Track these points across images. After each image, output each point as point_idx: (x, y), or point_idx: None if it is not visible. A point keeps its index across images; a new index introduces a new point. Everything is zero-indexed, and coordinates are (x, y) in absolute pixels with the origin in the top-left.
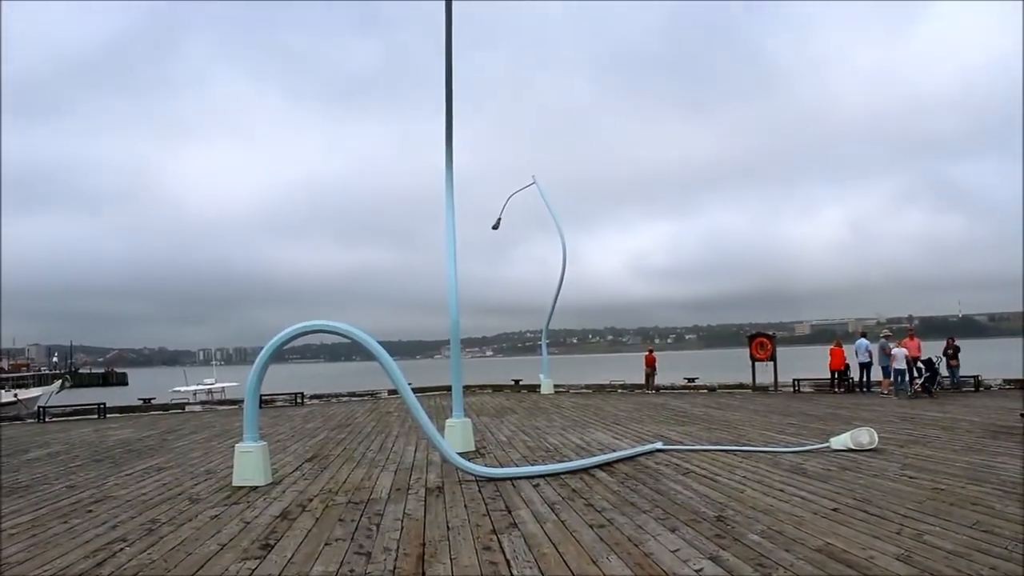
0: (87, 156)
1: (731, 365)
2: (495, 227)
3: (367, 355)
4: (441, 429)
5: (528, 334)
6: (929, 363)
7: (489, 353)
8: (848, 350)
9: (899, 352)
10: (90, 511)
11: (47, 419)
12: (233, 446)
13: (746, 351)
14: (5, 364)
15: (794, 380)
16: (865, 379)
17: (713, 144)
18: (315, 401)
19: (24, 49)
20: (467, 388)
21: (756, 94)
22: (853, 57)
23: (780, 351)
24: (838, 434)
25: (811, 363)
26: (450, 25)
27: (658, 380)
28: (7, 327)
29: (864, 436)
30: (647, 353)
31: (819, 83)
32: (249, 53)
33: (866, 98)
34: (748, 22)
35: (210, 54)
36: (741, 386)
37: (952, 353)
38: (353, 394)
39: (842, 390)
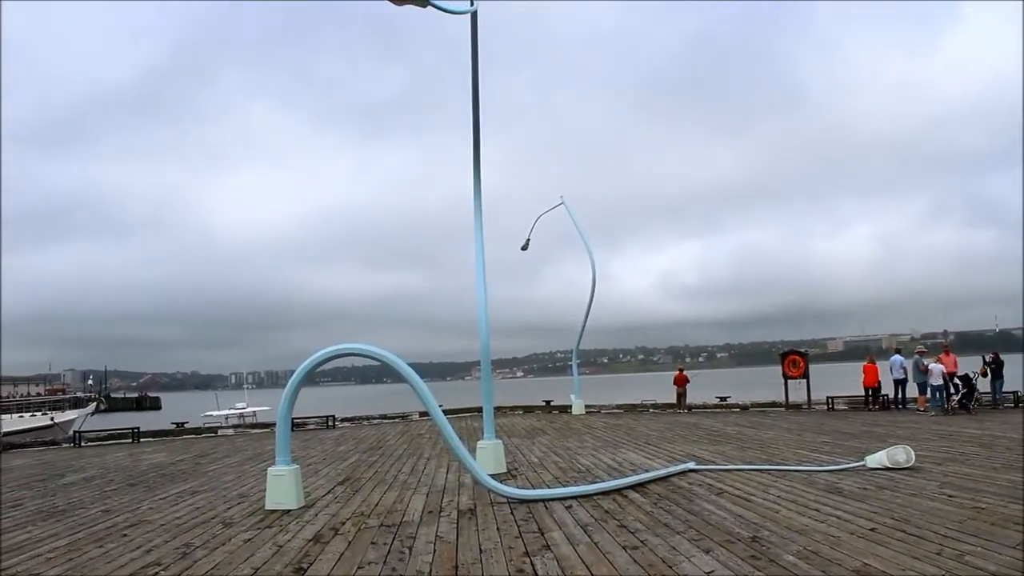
0: (121, 185)
1: (763, 383)
2: (524, 248)
3: (398, 377)
4: (472, 451)
5: (558, 354)
6: (966, 379)
7: (520, 374)
8: (882, 366)
9: (936, 368)
10: (125, 535)
11: (83, 443)
12: (265, 470)
13: (778, 369)
14: (42, 389)
15: (828, 398)
16: (900, 396)
17: (740, 163)
18: (346, 424)
19: (64, 83)
20: (498, 409)
21: (782, 113)
22: (879, 73)
23: (813, 368)
24: (874, 452)
25: (845, 380)
26: (476, 49)
27: (689, 399)
28: (44, 354)
29: (900, 454)
30: (678, 372)
31: (845, 100)
32: (278, 81)
33: (893, 114)
34: (772, 43)
35: (240, 83)
36: (774, 404)
37: (996, 368)
38: (384, 416)
39: (877, 407)
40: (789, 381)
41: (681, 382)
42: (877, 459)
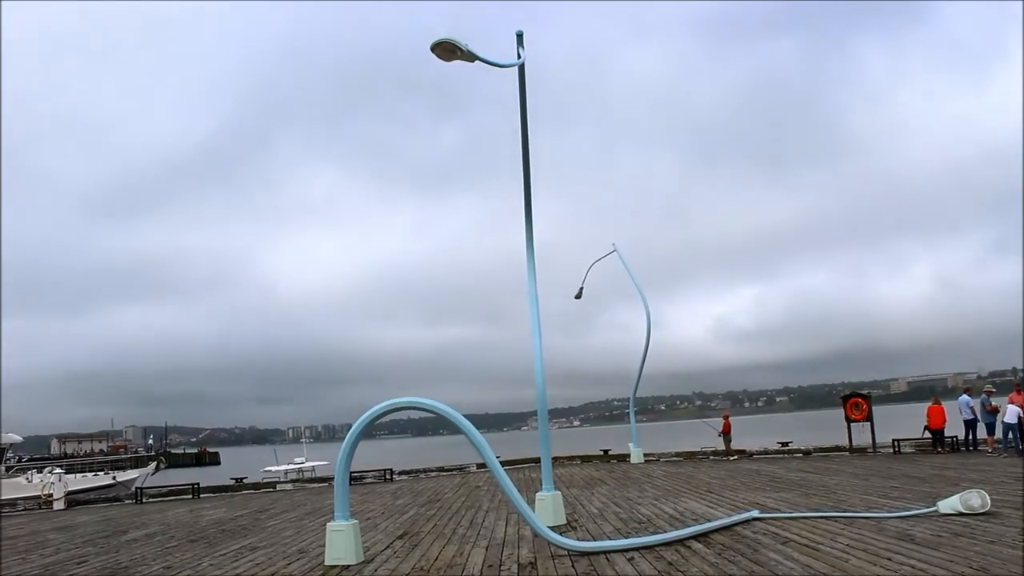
0: (186, 247)
1: (826, 427)
2: (578, 296)
3: (454, 429)
4: (531, 502)
5: (615, 402)
6: None
7: (576, 423)
8: (949, 407)
9: (1013, 409)
10: None
11: (144, 500)
12: (324, 525)
13: (840, 412)
14: (105, 445)
15: (894, 440)
16: (971, 438)
17: (794, 209)
18: (404, 477)
19: (136, 156)
20: (556, 459)
21: (836, 158)
22: (930, 113)
23: (876, 410)
24: (946, 497)
25: (910, 422)
26: (524, 100)
27: (749, 445)
28: (107, 410)
29: (975, 499)
30: (724, 420)
31: (898, 142)
32: (338, 144)
33: (949, 152)
34: (825, 91)
35: (302, 147)
36: (837, 448)
37: None
38: (442, 469)
39: (946, 450)
40: (852, 424)
41: (729, 429)
42: (950, 504)
